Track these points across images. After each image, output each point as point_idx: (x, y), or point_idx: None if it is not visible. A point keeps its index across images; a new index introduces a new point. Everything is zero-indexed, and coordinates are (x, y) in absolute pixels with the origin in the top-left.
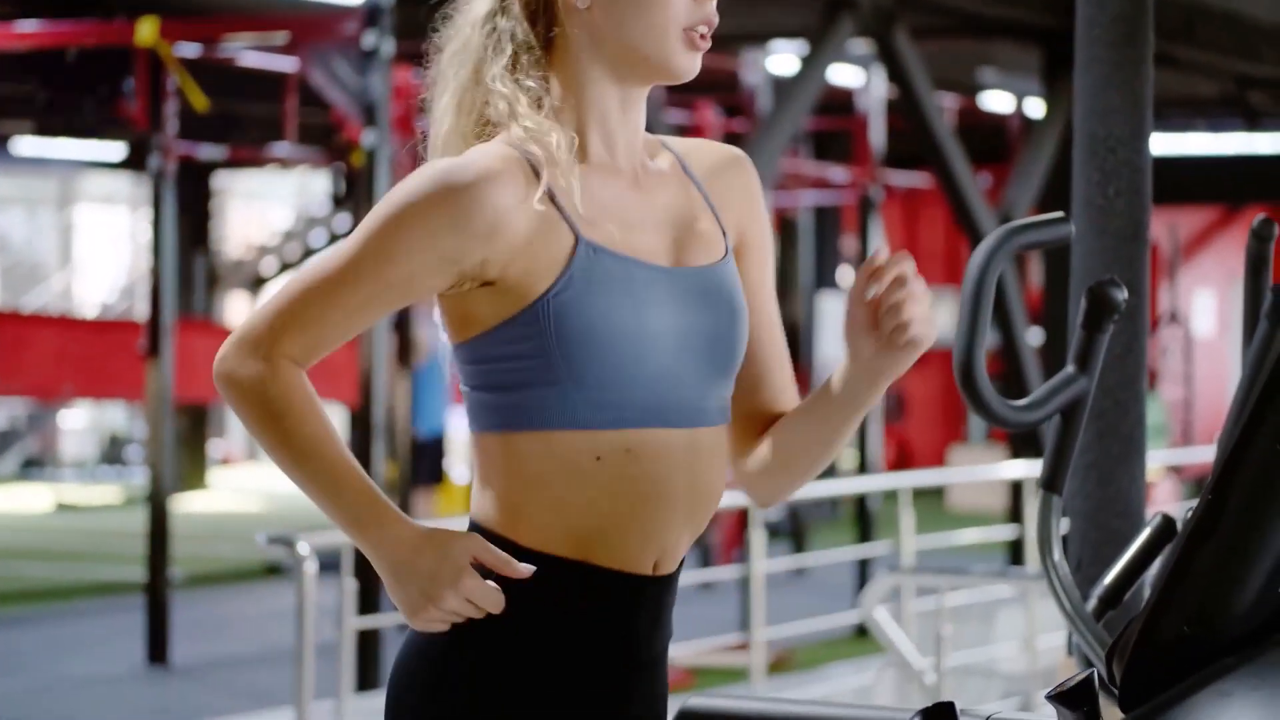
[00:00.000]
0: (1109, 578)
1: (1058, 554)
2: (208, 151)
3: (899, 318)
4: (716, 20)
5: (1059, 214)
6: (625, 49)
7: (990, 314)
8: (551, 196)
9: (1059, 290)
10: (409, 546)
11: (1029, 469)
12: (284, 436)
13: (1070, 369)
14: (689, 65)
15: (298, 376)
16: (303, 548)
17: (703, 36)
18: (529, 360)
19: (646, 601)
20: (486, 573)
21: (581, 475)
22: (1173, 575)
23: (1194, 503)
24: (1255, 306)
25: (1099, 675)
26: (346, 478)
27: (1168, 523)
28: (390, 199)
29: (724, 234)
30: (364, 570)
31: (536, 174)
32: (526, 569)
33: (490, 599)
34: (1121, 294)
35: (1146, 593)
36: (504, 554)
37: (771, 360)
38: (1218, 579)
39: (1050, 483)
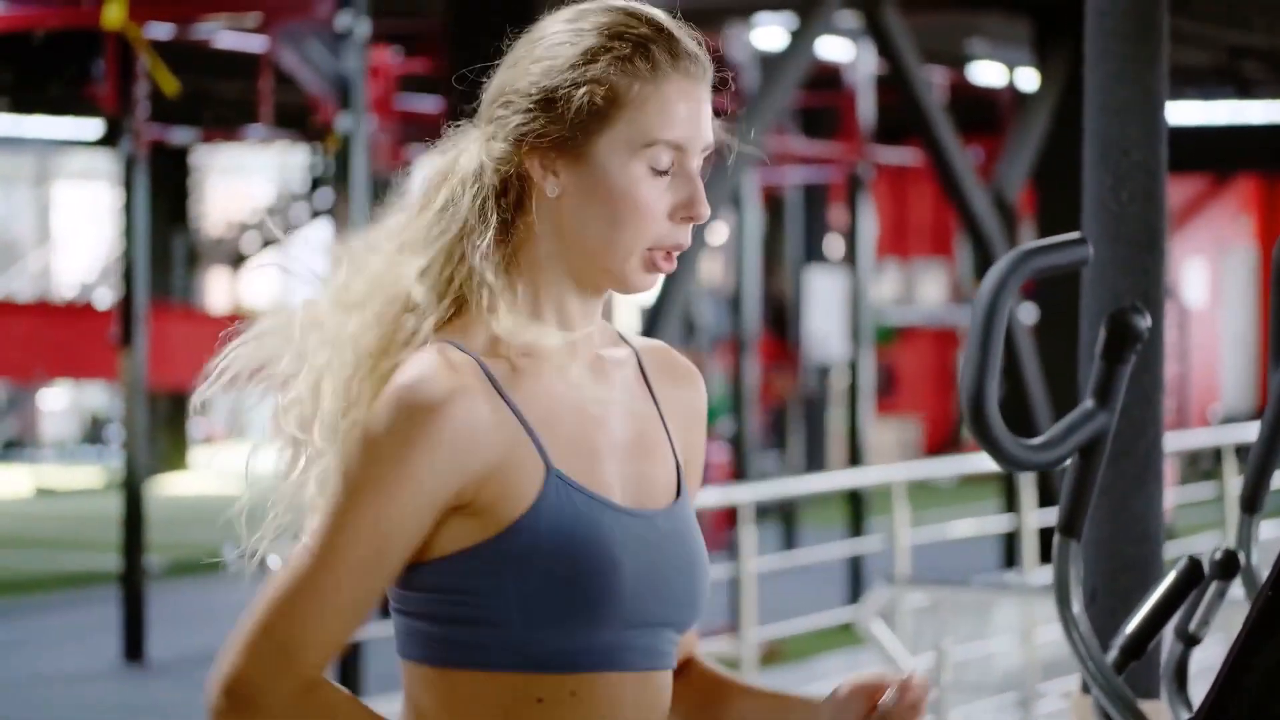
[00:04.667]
0: (1131, 626)
1: (1077, 606)
2: (181, 135)
3: None
4: (688, 244)
5: (1077, 235)
6: (584, 254)
7: (1002, 346)
8: (514, 410)
9: None
10: None
11: None
12: None
13: (1089, 403)
14: (644, 285)
15: (327, 691)
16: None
17: (666, 257)
18: (480, 596)
19: None
20: None
21: (520, 717)
22: (1231, 674)
23: (1224, 541)
24: None
25: None
26: None
27: (1194, 566)
28: (354, 459)
29: (677, 463)
30: None
31: (492, 382)
32: None
33: None
34: (1145, 322)
35: (1168, 643)
36: None
37: None
38: None
39: (1068, 527)
